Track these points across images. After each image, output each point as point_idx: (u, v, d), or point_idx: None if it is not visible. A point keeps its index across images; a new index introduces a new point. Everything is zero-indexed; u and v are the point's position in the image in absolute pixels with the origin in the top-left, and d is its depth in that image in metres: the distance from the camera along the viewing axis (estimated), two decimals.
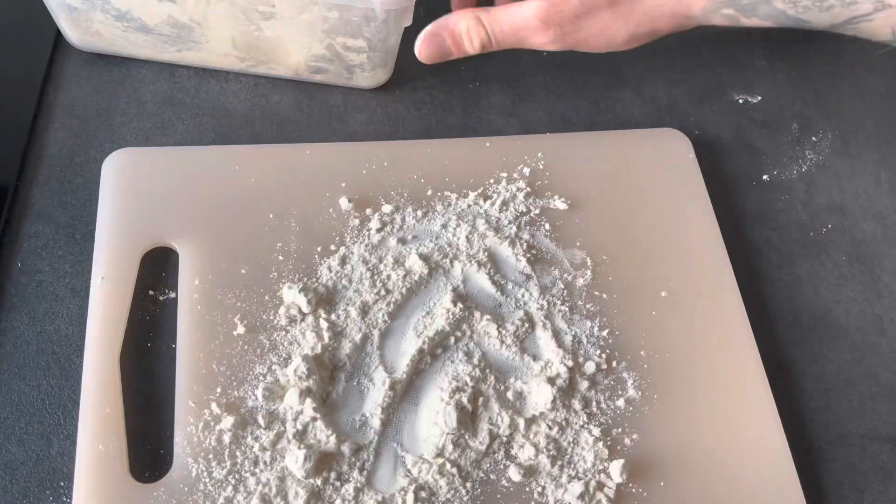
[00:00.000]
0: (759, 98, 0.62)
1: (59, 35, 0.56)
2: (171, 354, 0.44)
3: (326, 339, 0.44)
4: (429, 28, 0.47)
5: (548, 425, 0.44)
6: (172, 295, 0.46)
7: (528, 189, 0.52)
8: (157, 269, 0.47)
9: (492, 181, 0.52)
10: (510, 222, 0.50)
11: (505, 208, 0.51)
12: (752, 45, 0.46)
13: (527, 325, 0.47)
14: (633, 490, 0.43)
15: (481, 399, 0.44)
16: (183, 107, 0.55)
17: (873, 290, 0.54)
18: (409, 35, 0.50)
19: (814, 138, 0.60)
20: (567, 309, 0.48)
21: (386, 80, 0.57)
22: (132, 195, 0.48)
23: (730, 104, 0.61)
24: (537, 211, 0.51)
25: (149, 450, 0.42)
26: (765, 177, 0.58)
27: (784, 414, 0.46)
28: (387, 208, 0.50)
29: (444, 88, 0.59)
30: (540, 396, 0.44)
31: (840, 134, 0.54)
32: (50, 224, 0.49)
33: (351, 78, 0.56)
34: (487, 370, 0.45)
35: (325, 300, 0.46)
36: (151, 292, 0.46)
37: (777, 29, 0.47)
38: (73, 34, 0.54)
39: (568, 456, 0.43)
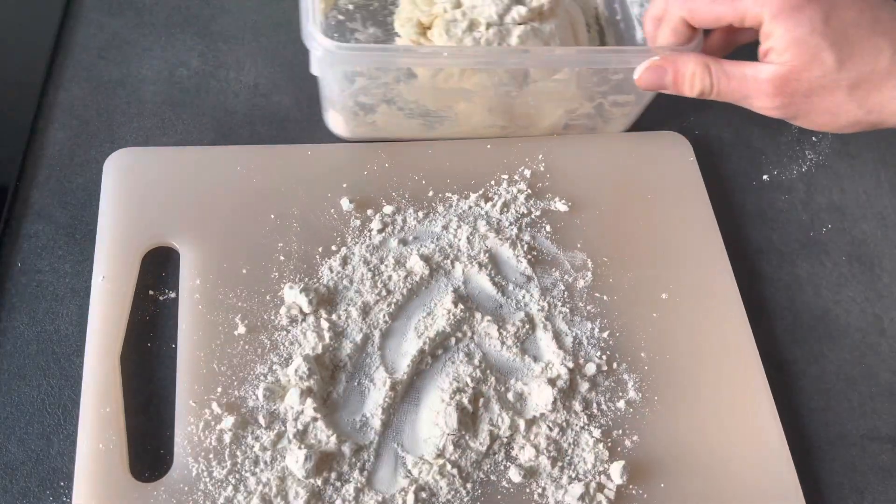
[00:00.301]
0: None
1: (59, 35, 0.56)
2: (172, 354, 0.44)
3: (327, 340, 0.44)
4: (657, 59, 0.46)
5: (548, 426, 0.44)
6: (173, 295, 0.46)
7: (529, 191, 0.52)
8: (158, 268, 0.47)
9: (493, 183, 0.52)
10: (511, 224, 0.51)
11: (506, 210, 0.51)
12: (753, 45, 0.46)
13: (527, 326, 0.47)
14: (634, 492, 0.43)
15: (482, 400, 0.44)
16: (183, 107, 0.55)
17: (873, 290, 0.54)
18: None
19: (814, 138, 0.60)
20: (568, 310, 0.48)
21: (632, 124, 0.56)
22: (133, 195, 0.48)
23: (729, 104, 0.61)
24: (538, 213, 0.52)
25: (149, 449, 0.42)
26: (765, 177, 0.58)
27: (784, 414, 0.47)
28: (388, 209, 0.50)
29: None
30: (540, 398, 0.44)
31: (840, 134, 0.54)
32: (50, 224, 0.48)
33: (604, 125, 0.56)
34: (488, 371, 0.45)
35: (326, 300, 0.46)
36: (152, 292, 0.46)
37: None
38: (346, 128, 0.53)
39: (568, 457, 0.43)
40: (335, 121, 0.53)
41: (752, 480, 0.44)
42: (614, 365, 0.47)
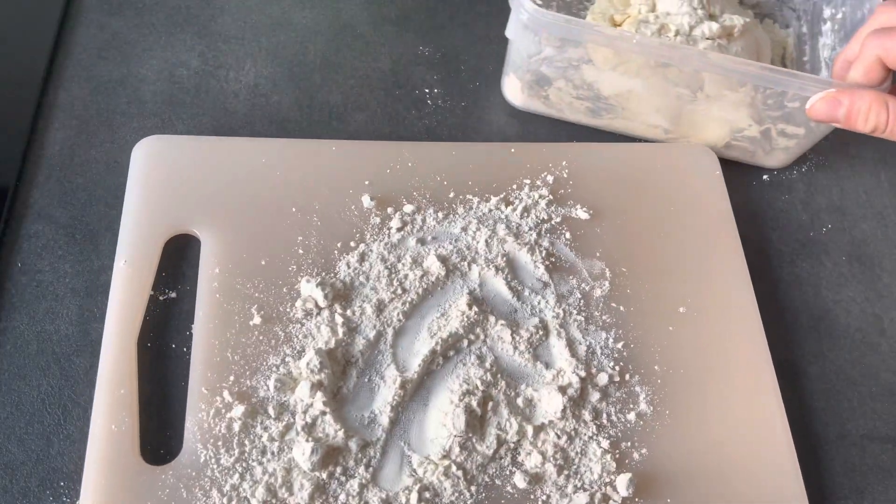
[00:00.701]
0: None
1: (59, 35, 0.56)
2: (188, 341, 0.45)
3: (340, 335, 0.45)
4: (833, 91, 0.46)
5: (556, 434, 0.43)
6: (192, 284, 0.47)
7: (551, 197, 0.52)
8: (180, 256, 0.48)
9: (514, 187, 0.52)
10: (530, 229, 0.50)
11: (526, 214, 0.51)
12: None
13: (541, 332, 0.47)
14: None
15: (491, 404, 0.44)
16: (183, 107, 0.55)
17: (873, 290, 0.54)
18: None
19: None
20: (583, 319, 0.48)
21: (791, 161, 0.57)
22: (159, 182, 0.49)
23: None
24: (558, 219, 0.51)
25: (160, 434, 0.42)
26: (765, 177, 0.58)
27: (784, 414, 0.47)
28: (408, 208, 0.50)
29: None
30: (550, 405, 0.44)
31: (840, 133, 0.53)
32: (50, 224, 0.48)
33: (764, 156, 0.56)
34: (499, 375, 0.45)
35: (342, 296, 0.46)
36: (172, 279, 0.47)
37: None
38: (520, 96, 0.57)
39: (575, 466, 0.43)
40: (512, 87, 0.57)
41: (759, 498, 0.44)
42: (627, 376, 0.46)
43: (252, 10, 0.61)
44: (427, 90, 0.58)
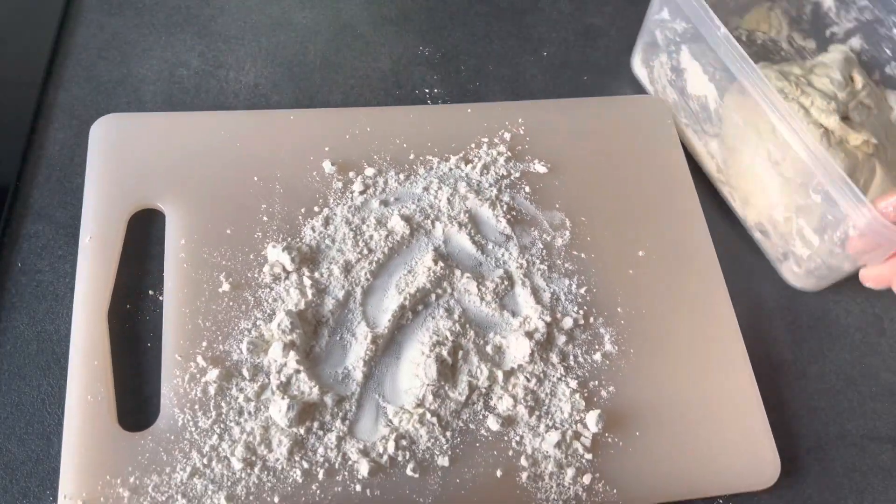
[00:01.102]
0: None
1: (58, 35, 0.55)
2: (158, 312, 0.45)
3: (310, 296, 0.45)
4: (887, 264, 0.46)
5: (526, 377, 0.45)
6: (158, 257, 0.47)
7: (509, 153, 0.53)
8: (145, 231, 0.48)
9: (473, 146, 0.53)
10: (491, 185, 0.52)
11: (486, 172, 0.52)
12: None
13: (506, 282, 0.48)
14: (610, 440, 0.44)
15: (461, 353, 0.45)
16: (183, 106, 0.55)
17: (873, 290, 0.53)
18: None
19: None
20: (546, 268, 0.49)
21: (812, 289, 0.53)
22: (119, 159, 0.49)
23: None
24: (517, 174, 0.53)
25: (136, 402, 0.43)
26: None
27: (784, 414, 0.48)
28: (369, 171, 0.51)
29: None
30: (518, 350, 0.45)
31: None
32: (50, 224, 0.48)
33: (778, 265, 0.54)
34: (467, 325, 0.46)
35: (309, 259, 0.47)
36: (138, 254, 0.47)
37: None
38: (636, 59, 0.58)
39: (545, 407, 0.45)
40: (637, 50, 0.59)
41: (724, 428, 0.45)
42: (591, 319, 0.48)
43: (252, 10, 0.60)
44: (427, 90, 0.58)
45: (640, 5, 0.64)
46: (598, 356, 0.47)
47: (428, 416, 0.43)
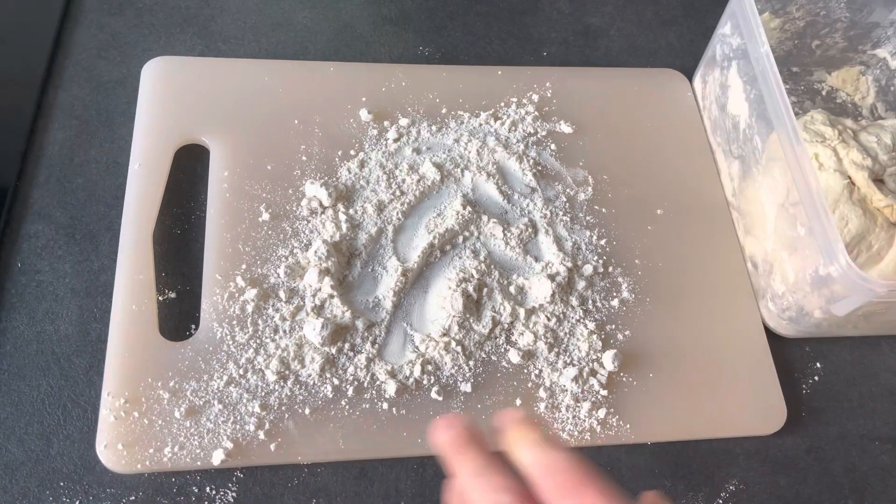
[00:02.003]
0: None
1: (58, 35, 0.55)
2: (201, 236, 0.47)
3: (344, 230, 0.48)
4: None
5: (546, 317, 0.47)
6: (203, 188, 0.49)
7: (537, 113, 0.56)
8: (190, 166, 0.50)
9: (502, 104, 0.56)
10: (518, 141, 0.54)
11: (514, 129, 0.55)
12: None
13: (530, 230, 0.50)
14: (624, 379, 0.46)
15: (485, 290, 0.47)
16: None
17: None
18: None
19: None
20: (568, 219, 0.51)
21: (784, 332, 0.51)
22: (168, 97, 0.52)
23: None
24: (544, 133, 0.55)
25: (178, 316, 0.45)
26: None
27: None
28: (403, 121, 0.53)
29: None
30: (540, 290, 0.48)
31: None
32: (50, 224, 0.48)
33: (758, 301, 0.51)
34: (492, 266, 0.48)
35: (344, 196, 0.49)
36: (184, 185, 0.50)
37: None
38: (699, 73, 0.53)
39: (564, 345, 0.47)
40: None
41: (733, 374, 0.48)
42: (610, 268, 0.50)
43: (252, 10, 0.60)
44: None
45: (639, 5, 0.66)
46: (615, 302, 0.49)
47: (453, 344, 0.45)
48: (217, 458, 0.40)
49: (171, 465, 0.40)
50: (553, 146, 0.54)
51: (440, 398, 0.44)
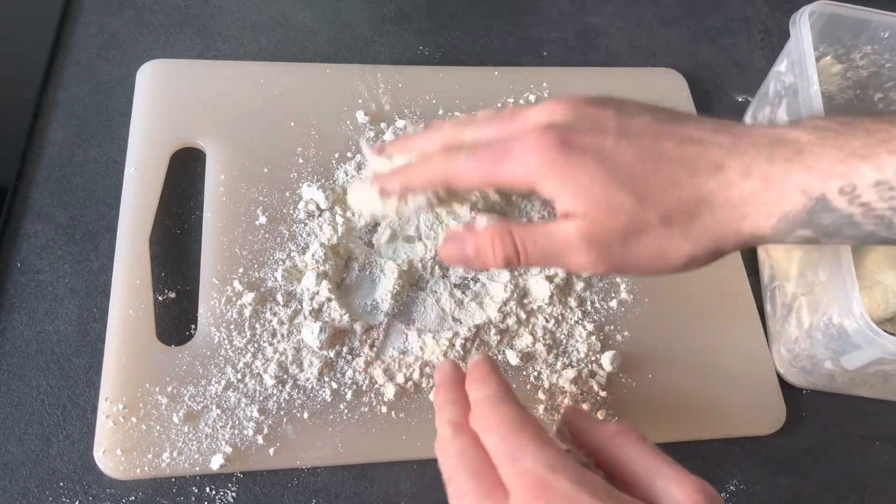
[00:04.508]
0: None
1: (58, 35, 0.55)
2: (197, 240, 0.47)
3: (341, 233, 0.48)
4: (456, 229, 0.40)
5: (545, 318, 0.47)
6: (199, 191, 0.49)
7: None
8: (186, 169, 0.50)
9: (499, 105, 0.56)
10: None
11: None
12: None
13: None
14: (623, 380, 0.46)
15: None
16: None
17: None
18: None
19: None
20: None
21: (794, 381, 0.49)
22: (164, 100, 0.51)
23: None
24: None
25: (174, 320, 0.45)
26: None
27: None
28: (400, 123, 0.53)
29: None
30: (538, 292, 0.47)
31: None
32: (49, 224, 0.48)
33: (771, 344, 0.50)
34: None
35: (342, 199, 0.49)
36: (180, 188, 0.49)
37: None
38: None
39: (563, 346, 0.47)
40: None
41: (732, 375, 0.48)
42: None
43: (252, 10, 0.60)
44: None
45: (639, 5, 0.66)
46: (614, 303, 0.49)
47: (452, 346, 0.45)
48: (216, 464, 0.40)
49: (169, 471, 0.40)
50: None
51: None
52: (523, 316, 0.47)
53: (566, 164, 0.34)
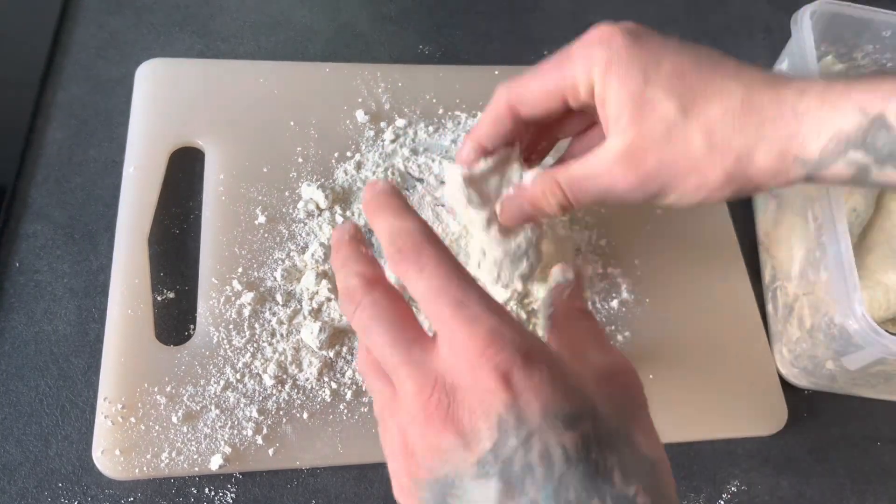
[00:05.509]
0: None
1: (57, 34, 0.55)
2: (196, 241, 0.47)
3: None
4: (510, 192, 0.41)
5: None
6: (198, 191, 0.49)
7: None
8: (185, 168, 0.50)
9: None
10: None
11: None
12: None
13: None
14: None
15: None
16: None
17: None
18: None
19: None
20: (568, 220, 0.51)
21: (796, 381, 0.49)
22: (163, 99, 0.51)
23: None
24: None
25: (174, 321, 0.45)
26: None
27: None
28: (400, 122, 0.53)
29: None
30: (538, 292, 0.47)
31: None
32: (48, 224, 0.48)
33: (773, 344, 0.50)
34: None
35: (341, 198, 0.49)
36: (179, 188, 0.49)
37: None
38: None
39: None
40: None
41: (733, 375, 0.47)
42: (609, 269, 0.50)
43: (251, 10, 0.60)
44: None
45: (640, 4, 0.66)
46: (615, 303, 0.49)
47: None
48: (215, 464, 0.40)
49: (168, 472, 0.39)
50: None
51: None
52: (523, 316, 0.46)
53: (630, 61, 0.35)
